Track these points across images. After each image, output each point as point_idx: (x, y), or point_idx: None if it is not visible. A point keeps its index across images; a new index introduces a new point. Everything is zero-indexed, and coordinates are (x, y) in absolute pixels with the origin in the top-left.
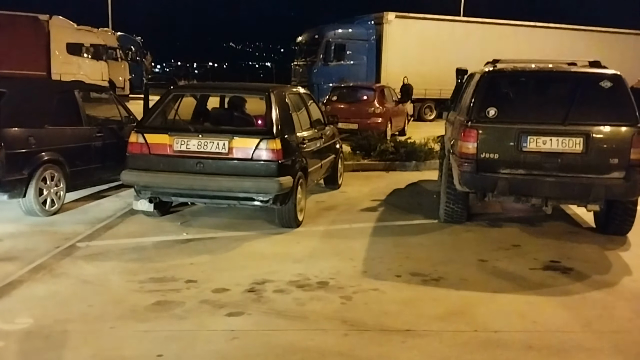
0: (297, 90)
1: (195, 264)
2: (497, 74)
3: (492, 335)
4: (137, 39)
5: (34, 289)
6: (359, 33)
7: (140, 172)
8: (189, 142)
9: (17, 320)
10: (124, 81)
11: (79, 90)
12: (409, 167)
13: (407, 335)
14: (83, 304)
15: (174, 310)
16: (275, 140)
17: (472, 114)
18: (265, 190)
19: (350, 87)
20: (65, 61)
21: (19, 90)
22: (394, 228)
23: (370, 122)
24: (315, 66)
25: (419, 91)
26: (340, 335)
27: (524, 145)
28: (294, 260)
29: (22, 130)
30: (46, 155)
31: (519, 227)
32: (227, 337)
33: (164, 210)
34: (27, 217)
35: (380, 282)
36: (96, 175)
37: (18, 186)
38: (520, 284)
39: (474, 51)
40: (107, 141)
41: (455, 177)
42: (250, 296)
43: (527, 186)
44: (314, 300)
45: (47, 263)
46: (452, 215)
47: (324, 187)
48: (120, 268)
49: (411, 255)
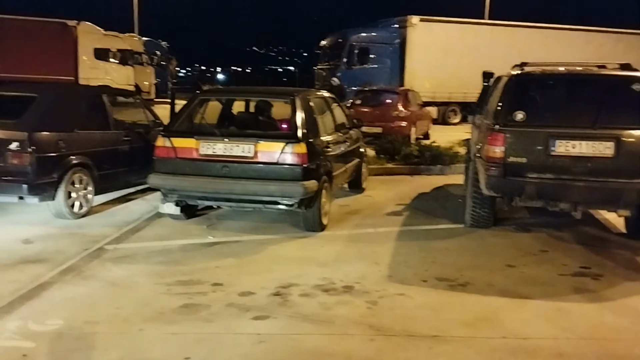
0: (322, 94)
1: (221, 267)
2: (525, 77)
3: (522, 342)
4: (162, 43)
5: (63, 291)
6: (382, 36)
7: (167, 175)
8: (215, 146)
9: (48, 322)
10: (150, 85)
11: (106, 95)
12: (434, 171)
13: (434, 341)
14: (112, 306)
15: (200, 313)
16: (300, 144)
17: (500, 118)
18: (290, 194)
19: (374, 90)
20: (93, 66)
21: (49, 95)
22: (419, 232)
23: (395, 126)
24: (339, 70)
25: (443, 94)
26: (366, 340)
27: (552, 149)
28: (319, 264)
29: (52, 135)
30: (75, 159)
31: (547, 232)
32: (254, 340)
33: (190, 214)
34: (57, 219)
35: (406, 287)
36: (123, 179)
37: (48, 189)
38: (549, 290)
39: (499, 54)
40: (134, 145)
41: (482, 181)
42: (276, 300)
43: (556, 191)
44: (339, 304)
45: (76, 265)
46: (478, 219)
47: (348, 191)
48: (148, 271)
49: (437, 260)
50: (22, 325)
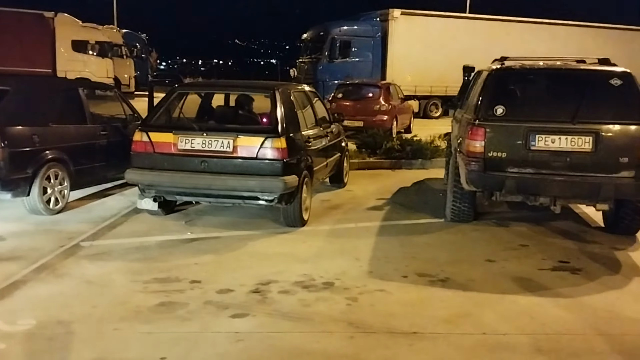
0: (303, 87)
1: (200, 263)
2: (505, 72)
3: (501, 338)
4: (142, 36)
5: (37, 289)
6: (364, 30)
7: (145, 170)
8: (193, 140)
9: (20, 322)
10: (129, 78)
11: (83, 88)
12: (415, 165)
13: (414, 338)
14: (86, 304)
15: (177, 311)
16: (280, 138)
17: (480, 112)
18: (270, 189)
19: (355, 84)
20: (71, 58)
21: (22, 88)
22: (400, 227)
23: (376, 120)
24: (321, 63)
25: (425, 88)
26: (346, 337)
27: (532, 144)
28: (299, 260)
29: (26, 129)
30: (50, 154)
31: (527, 226)
32: (232, 339)
33: (168, 209)
34: (31, 215)
35: (386, 283)
36: (100, 174)
37: (22, 185)
38: (528, 285)
39: (480, 48)
40: (111, 139)
41: (463, 176)
42: (255, 297)
43: (536, 185)
44: (319, 301)
45: (50, 263)
46: (459, 214)
47: (330, 186)
48: (124, 268)
49: (418, 255)
50: None
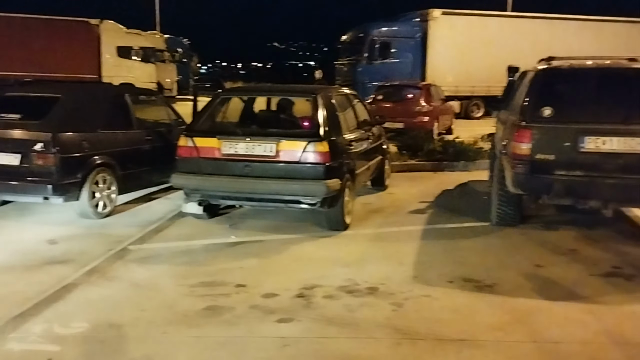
0: (344, 91)
1: (244, 267)
2: (553, 72)
3: (553, 346)
4: (184, 40)
5: (88, 293)
6: (404, 30)
7: (190, 175)
8: (236, 145)
9: (73, 325)
10: (172, 83)
11: (129, 94)
12: (457, 167)
13: (462, 346)
14: (136, 308)
15: (224, 315)
16: (322, 142)
17: (526, 114)
18: (313, 193)
19: (395, 85)
20: (116, 64)
21: (72, 96)
22: (444, 231)
23: (417, 121)
24: (360, 65)
25: (466, 88)
26: (392, 344)
27: (581, 146)
28: (343, 264)
29: (76, 135)
30: (99, 159)
31: (576, 230)
32: (278, 344)
33: (212, 213)
34: (81, 219)
35: (432, 288)
36: (146, 178)
37: (72, 189)
38: (579, 292)
39: (523, 46)
40: (156, 144)
41: (508, 179)
42: (299, 302)
43: (586, 188)
44: (364, 306)
45: (100, 266)
46: (504, 217)
47: (371, 189)
48: (171, 272)
49: (463, 260)
50: (47, 328)
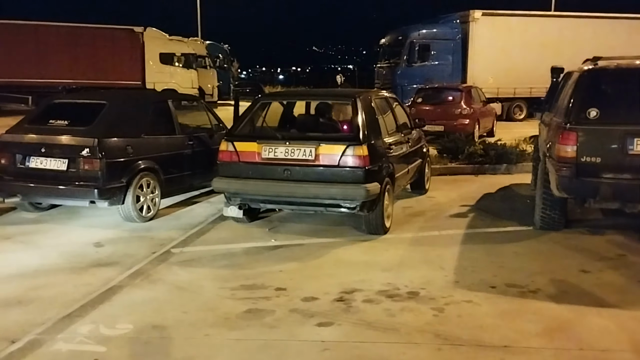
0: (383, 94)
1: (284, 271)
2: (599, 73)
3: (600, 355)
4: (224, 46)
5: (132, 295)
6: (443, 32)
7: (231, 179)
8: (276, 149)
9: (118, 326)
10: (213, 88)
11: (172, 100)
12: (499, 170)
13: (505, 352)
14: (178, 310)
15: (265, 318)
16: (362, 146)
17: (571, 116)
18: (352, 197)
19: (435, 88)
20: (159, 70)
21: (117, 102)
22: (485, 235)
23: (457, 124)
24: (399, 68)
25: (508, 90)
26: (433, 349)
27: (630, 148)
28: (383, 268)
29: (121, 140)
30: (143, 164)
31: (624, 234)
32: (318, 348)
33: (252, 217)
34: (126, 223)
35: (473, 294)
36: (188, 182)
37: (117, 193)
38: (628, 298)
39: (566, 47)
40: (198, 149)
41: (553, 182)
42: (339, 306)
43: (635, 191)
44: (404, 311)
45: (144, 269)
46: (548, 222)
47: (411, 192)
48: (213, 274)
49: (506, 265)
50: (93, 329)
